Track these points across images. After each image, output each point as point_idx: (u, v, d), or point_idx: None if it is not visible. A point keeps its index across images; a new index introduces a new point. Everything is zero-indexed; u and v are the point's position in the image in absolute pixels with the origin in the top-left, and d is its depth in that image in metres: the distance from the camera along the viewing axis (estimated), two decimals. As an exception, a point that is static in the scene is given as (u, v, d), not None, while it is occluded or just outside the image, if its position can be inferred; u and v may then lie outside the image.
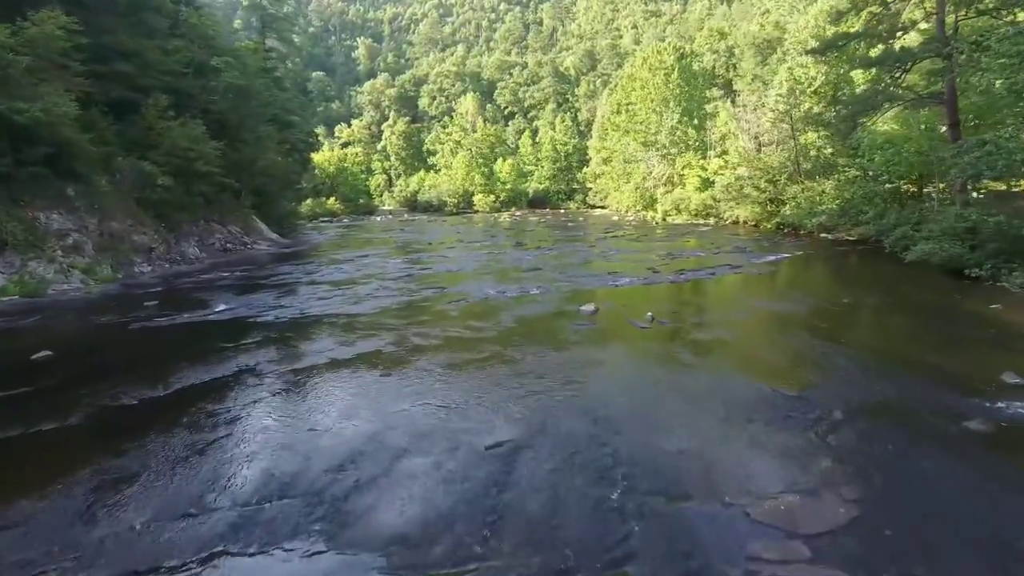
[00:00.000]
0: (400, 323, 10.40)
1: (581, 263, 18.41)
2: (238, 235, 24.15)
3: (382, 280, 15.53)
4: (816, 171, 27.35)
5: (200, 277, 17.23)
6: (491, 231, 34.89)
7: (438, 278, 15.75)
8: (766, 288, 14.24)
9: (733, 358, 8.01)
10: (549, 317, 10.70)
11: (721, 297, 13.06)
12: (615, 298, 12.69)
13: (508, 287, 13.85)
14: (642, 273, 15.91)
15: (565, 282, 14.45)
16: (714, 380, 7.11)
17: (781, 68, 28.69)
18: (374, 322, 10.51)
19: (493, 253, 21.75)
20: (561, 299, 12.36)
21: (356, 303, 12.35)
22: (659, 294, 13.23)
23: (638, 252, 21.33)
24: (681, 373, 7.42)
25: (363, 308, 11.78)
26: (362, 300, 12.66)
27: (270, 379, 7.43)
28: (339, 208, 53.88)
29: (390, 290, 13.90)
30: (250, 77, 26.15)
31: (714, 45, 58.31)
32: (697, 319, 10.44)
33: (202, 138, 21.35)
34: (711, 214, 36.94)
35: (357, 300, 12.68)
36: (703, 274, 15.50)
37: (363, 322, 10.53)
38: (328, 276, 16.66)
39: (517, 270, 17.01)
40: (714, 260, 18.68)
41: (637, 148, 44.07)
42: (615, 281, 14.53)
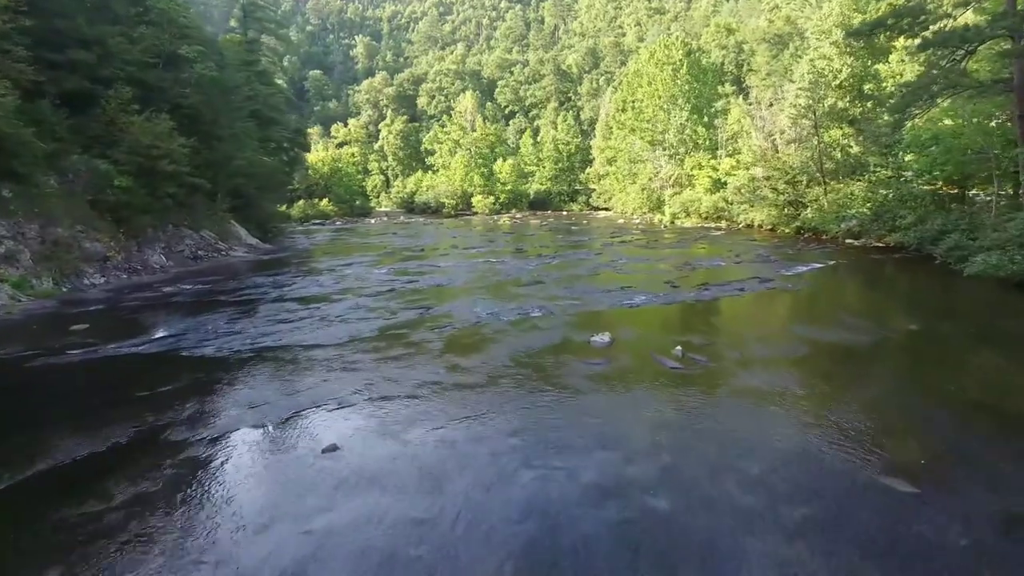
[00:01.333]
0: (367, 360, 8.34)
1: (588, 275, 16.35)
2: (211, 241, 22.11)
3: (360, 296, 13.47)
4: (840, 171, 25.30)
5: (158, 290, 15.20)
6: (489, 235, 32.84)
7: (424, 294, 13.70)
8: (809, 308, 12.17)
9: (805, 423, 5.94)
10: (553, 351, 8.64)
11: (759, 321, 10.98)
12: (632, 322, 10.63)
13: (504, 307, 11.79)
14: (659, 288, 13.85)
15: (571, 300, 12.39)
16: (791, 465, 5.04)
17: (802, 60, 26.63)
18: (335, 359, 8.46)
19: (490, 262, 19.69)
20: (567, 324, 10.30)
21: (322, 329, 10.30)
22: (684, 316, 11.17)
23: (650, 261, 19.28)
24: (741, 450, 5.35)
25: (328, 336, 9.73)
26: (330, 324, 10.61)
27: (167, 458, 5.37)
28: (332, 210, 51.80)
29: (366, 310, 11.85)
30: (227, 69, 24.11)
31: (722, 41, 56.28)
32: (738, 354, 8.37)
33: (168, 134, 19.32)
34: (722, 217, 34.91)
35: (324, 324, 10.63)
36: (730, 290, 13.44)
37: (321, 359, 8.48)
38: (301, 290, 14.61)
39: (515, 284, 14.95)
40: (737, 271, 16.62)
41: (643, 147, 42.01)
42: (629, 299, 12.47)
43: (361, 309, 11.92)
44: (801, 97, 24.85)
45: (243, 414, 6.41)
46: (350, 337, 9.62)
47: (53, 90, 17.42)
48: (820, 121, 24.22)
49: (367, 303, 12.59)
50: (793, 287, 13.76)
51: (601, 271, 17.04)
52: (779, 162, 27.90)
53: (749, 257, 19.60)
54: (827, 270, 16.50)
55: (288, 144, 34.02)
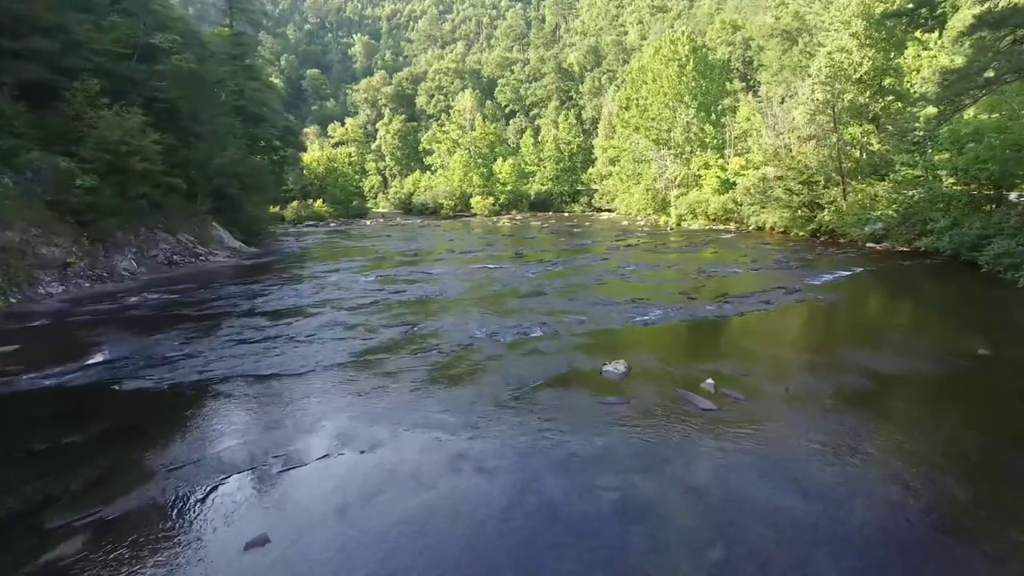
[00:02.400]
0: (329, 400, 6.87)
1: (594, 284, 14.86)
2: (189, 245, 20.63)
3: (339, 310, 11.99)
4: (860, 171, 23.81)
5: (120, 301, 13.72)
6: (488, 238, 31.35)
7: (411, 308, 12.21)
8: (850, 326, 10.67)
9: (890, 497, 4.45)
10: (559, 385, 7.16)
11: (796, 343, 9.48)
12: (650, 345, 9.14)
13: (501, 324, 10.31)
14: (674, 300, 12.37)
15: (577, 315, 10.90)
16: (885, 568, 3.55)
17: (819, 53, 25.15)
18: (291, 398, 6.98)
19: (487, 268, 18.21)
20: (574, 347, 8.82)
21: (286, 353, 8.81)
22: (707, 337, 9.68)
23: (660, 267, 17.79)
24: (811, 540, 3.85)
25: (291, 363, 8.25)
26: (296, 347, 9.13)
27: (23, 554, 3.89)
28: (327, 211, 50.25)
29: (343, 328, 10.37)
30: (209, 62, 22.65)
31: (728, 38, 54.81)
32: (781, 388, 6.89)
33: (140, 129, 17.86)
34: (731, 219, 33.43)
35: (290, 347, 9.14)
36: (754, 303, 11.95)
37: (275, 398, 7.00)
38: (275, 302, 13.12)
39: (514, 295, 13.46)
40: (757, 280, 15.14)
41: (648, 146, 40.53)
42: (642, 314, 10.98)
43: (337, 327, 10.44)
44: (819, 92, 23.35)
45: (155, 482, 4.92)
46: (316, 365, 8.14)
47: (10, 80, 15.96)
48: (839, 117, 22.71)
49: (345, 319, 11.10)
50: (824, 299, 12.27)
51: (608, 279, 15.55)
52: (793, 161, 26.39)
53: (766, 263, 18.13)
54: (857, 278, 15.02)
55: (280, 143, 32.54)
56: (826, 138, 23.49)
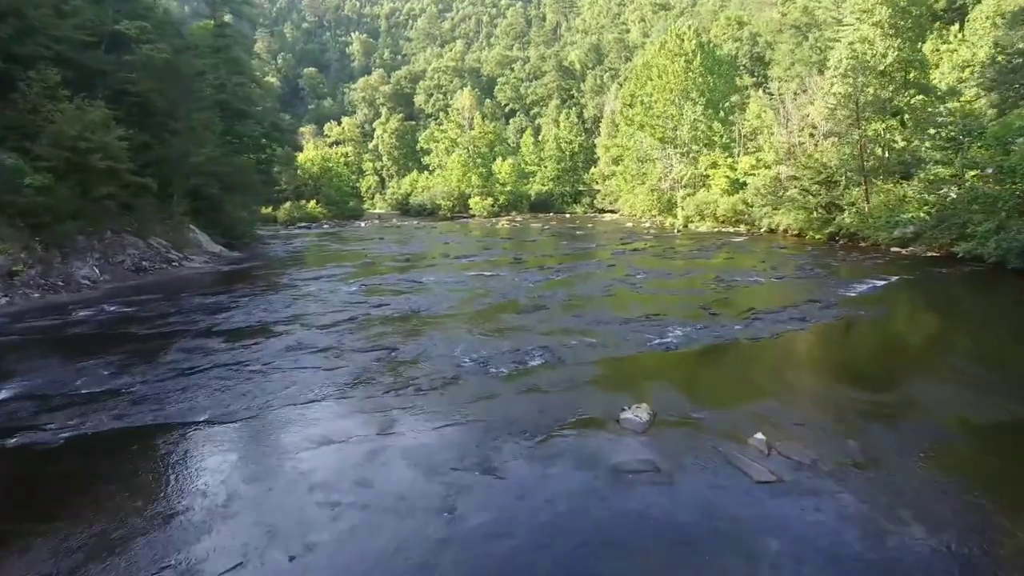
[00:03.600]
0: (270, 460, 5.29)
1: (601, 295, 13.27)
2: (161, 250, 19.07)
3: (309, 329, 10.41)
4: (883, 170, 22.22)
5: (70, 314, 12.18)
6: (486, 241, 29.77)
7: (394, 326, 10.63)
8: (909, 352, 9.08)
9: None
10: (564, 439, 5.60)
11: (851, 375, 7.87)
12: (674, 377, 7.56)
13: (496, 348, 8.73)
14: (694, 315, 10.80)
15: (585, 337, 9.32)
16: None
17: (838, 44, 23.58)
18: (225, 456, 5.40)
19: (483, 276, 16.64)
20: (583, 381, 7.25)
21: (231, 388, 7.24)
22: (743, 367, 8.10)
23: (672, 275, 16.22)
24: None
25: (233, 404, 6.68)
26: (249, 379, 7.55)
27: None
28: (321, 212, 48.63)
29: (310, 352, 8.79)
30: (186, 53, 21.10)
31: (734, 33, 53.24)
32: (851, 443, 5.31)
33: (103, 124, 16.31)
34: (741, 220, 31.86)
35: (238, 380, 7.56)
36: (787, 320, 10.36)
37: (200, 454, 5.43)
38: (240, 318, 11.55)
39: (512, 309, 11.89)
40: (784, 291, 13.58)
41: (653, 145, 38.94)
42: (661, 334, 9.39)
43: (301, 352, 8.86)
44: (839, 85, 21.77)
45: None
46: (265, 405, 6.57)
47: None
48: (862, 112, 21.11)
49: (314, 340, 9.52)
50: (867, 316, 10.69)
51: (616, 290, 13.97)
52: (810, 160, 24.80)
53: (788, 270, 16.57)
54: (895, 289, 13.44)
55: (266, 140, 30.96)
56: (847, 135, 21.90)
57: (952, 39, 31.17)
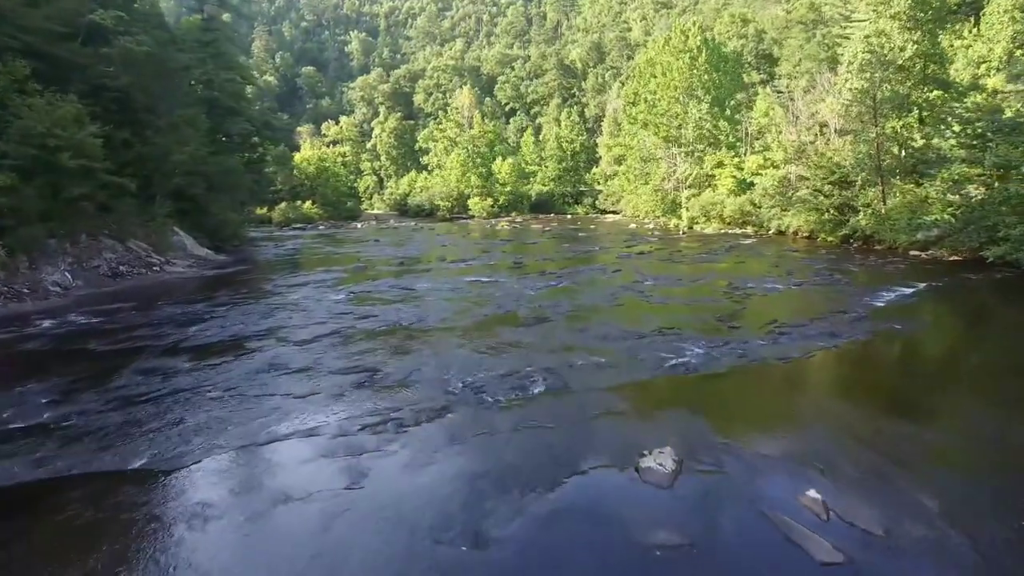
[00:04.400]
0: (217, 515, 4.25)
1: (609, 306, 12.24)
2: (141, 253, 18.05)
3: (286, 344, 9.39)
4: (902, 169, 21.19)
5: (31, 325, 11.18)
6: (485, 244, 28.73)
7: (379, 341, 9.60)
8: (960, 374, 8.02)
9: None
10: (571, 496, 4.57)
11: (901, 406, 6.82)
12: (699, 412, 6.52)
13: (491, 371, 7.71)
14: (713, 330, 9.79)
15: (593, 356, 8.30)
16: None
17: (853, 38, 22.55)
18: (155, 509, 4.37)
19: (481, 283, 15.61)
20: (593, 415, 6.23)
21: (183, 422, 6.21)
22: (776, 395, 7.08)
23: (683, 282, 15.19)
24: None
25: (183, 443, 5.65)
26: (201, 411, 6.52)
27: None
28: (317, 213, 47.54)
29: (280, 375, 7.78)
30: (169, 46, 20.08)
31: (739, 31, 52.16)
32: (931, 502, 4.27)
33: (74, 120, 15.29)
34: (749, 222, 30.84)
35: (192, 409, 6.54)
36: (815, 334, 9.35)
37: (122, 518, 4.39)
38: (213, 331, 10.53)
39: (511, 322, 10.86)
40: (806, 301, 12.58)
41: (657, 144, 37.91)
42: (678, 353, 8.37)
43: (274, 372, 7.84)
44: (855, 80, 20.73)
45: None
46: (216, 447, 5.54)
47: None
48: (879, 109, 20.07)
49: (288, 359, 8.50)
50: (904, 329, 9.66)
51: (624, 298, 12.93)
52: (822, 159, 23.77)
53: (805, 276, 15.54)
54: (927, 298, 12.41)
55: (258, 139, 29.90)
56: (863, 132, 20.85)
57: (967, 34, 30.16)
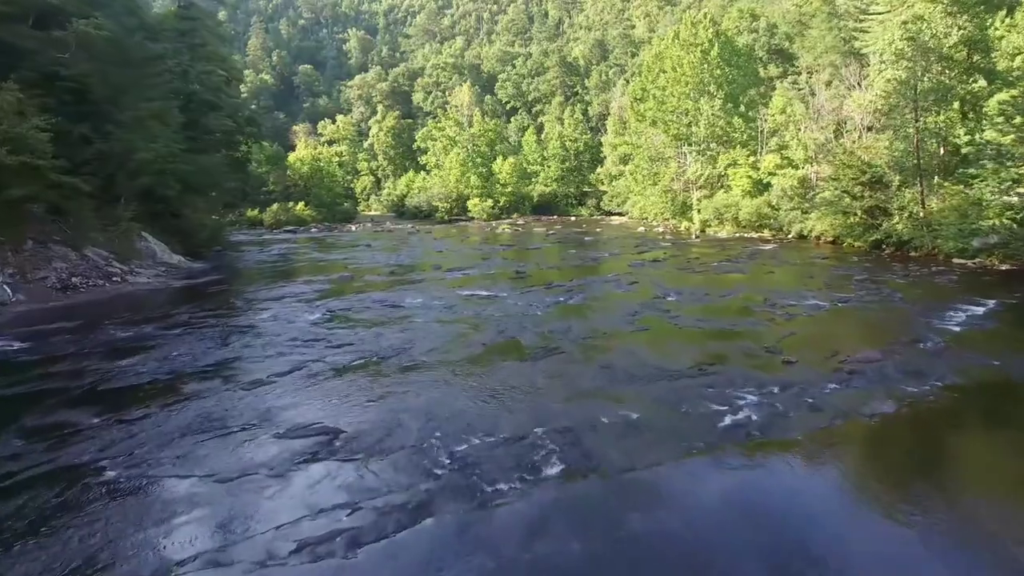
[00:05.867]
0: None
1: (630, 329, 10.30)
2: (100, 262, 16.14)
3: (234, 388, 7.47)
4: (942, 168, 19.28)
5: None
6: (484, 249, 26.82)
7: (351, 382, 7.68)
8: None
9: None
10: None
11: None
12: (785, 517, 4.58)
13: (488, 434, 5.79)
14: (764, 365, 7.90)
15: (619, 409, 6.40)
16: None
17: (890, 23, 20.61)
18: None
19: (479, 298, 13.67)
20: (633, 528, 4.28)
21: (61, 520, 4.27)
22: (883, 479, 5.13)
23: (710, 297, 13.25)
24: None
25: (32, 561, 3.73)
26: (83, 510, 4.60)
27: None
28: (310, 215, 45.58)
29: (215, 435, 5.87)
30: (137, 33, 18.18)
31: (748, 25, 50.22)
32: None
33: (14, 112, 13.40)
34: (766, 225, 28.90)
35: (78, 505, 4.61)
36: (895, 374, 7.49)
37: None
38: (152, 365, 8.60)
39: (515, 354, 8.93)
40: (863, 323, 10.68)
41: (667, 142, 35.98)
42: (730, 405, 6.47)
43: (204, 434, 5.91)
44: (892, 70, 18.80)
45: None
46: None
47: None
48: (920, 102, 18.13)
49: (232, 410, 6.58)
50: (1005, 367, 7.73)
51: (647, 320, 10.99)
52: (851, 158, 21.81)
53: (847, 289, 13.62)
54: (1009, 318, 10.50)
55: (242, 137, 27.95)
56: (902, 128, 18.91)
57: (999, 24, 28.22)
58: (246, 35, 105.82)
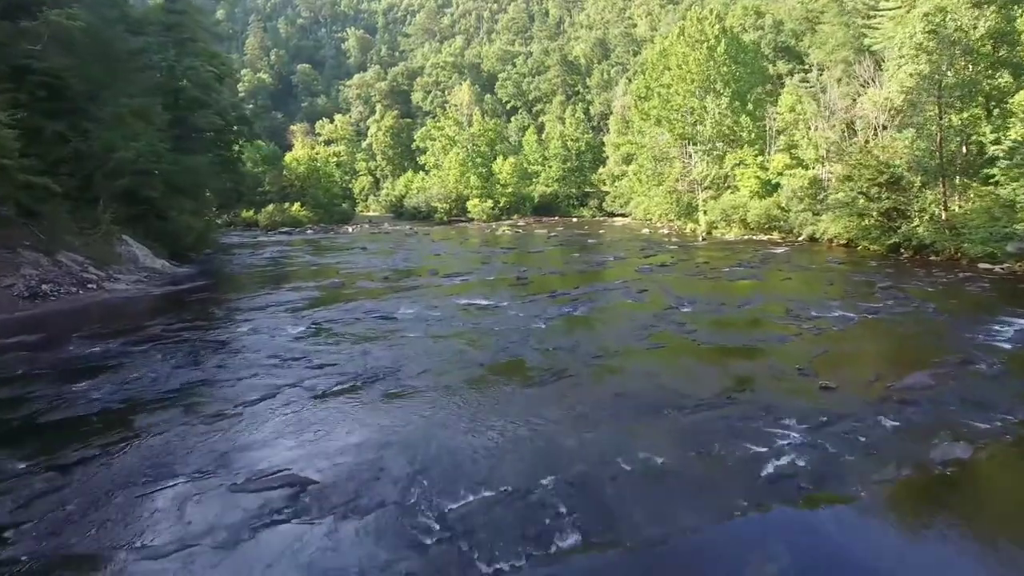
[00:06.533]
0: None
1: (645, 346, 9.32)
2: (75, 268, 15.17)
3: (192, 422, 6.50)
4: (965, 168, 18.30)
5: None
6: (484, 252, 25.84)
7: (328, 410, 6.70)
8: None
9: None
10: None
11: None
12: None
13: (487, 486, 4.82)
14: (800, 391, 6.95)
15: (639, 447, 5.41)
16: None
17: (912, 13, 19.63)
18: None
19: (478, 309, 12.69)
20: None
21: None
22: (961, 551, 4.14)
23: (727, 306, 12.26)
24: None
25: None
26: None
27: None
28: (306, 216, 44.60)
29: (163, 485, 4.89)
30: (117, 25, 17.21)
31: (754, 23, 49.22)
32: None
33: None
34: (775, 227, 27.92)
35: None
36: (954, 403, 6.60)
37: None
38: (108, 390, 7.63)
39: (517, 376, 7.95)
40: (900, 340, 9.72)
41: (671, 142, 35.00)
42: (769, 442, 5.50)
43: (150, 482, 4.94)
44: (912, 64, 17.82)
45: None
46: None
47: None
48: (945, 97, 17.14)
49: (184, 451, 5.62)
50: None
51: (662, 335, 10.01)
52: (867, 158, 20.82)
53: (873, 299, 12.65)
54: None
55: (234, 136, 26.96)
56: (925, 126, 17.93)
57: (1019, 15, 27.27)
58: (244, 34, 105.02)
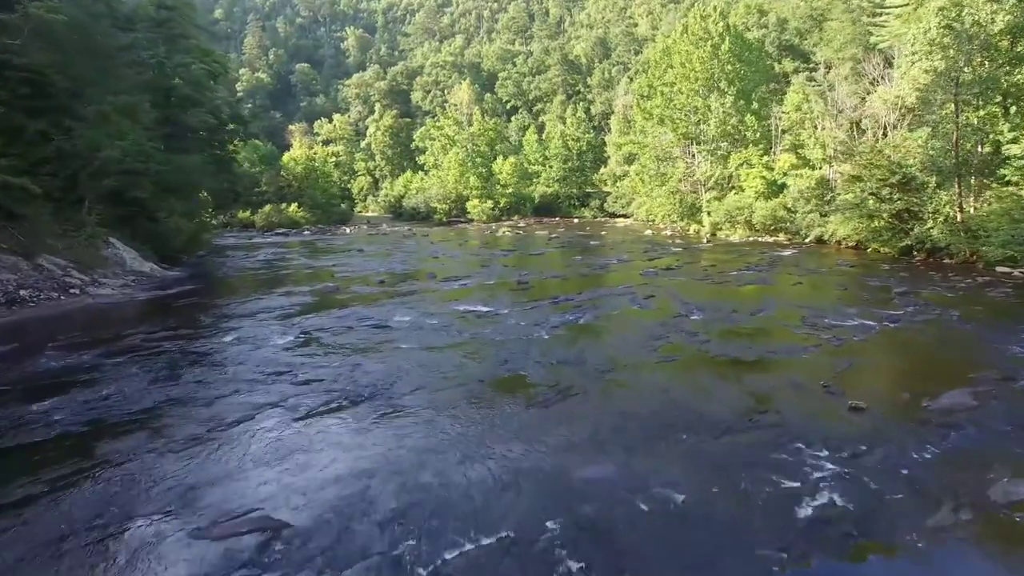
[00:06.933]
0: None
1: (655, 359, 8.70)
2: (57, 273, 14.55)
3: (161, 449, 5.88)
4: (982, 168, 17.69)
5: None
6: (483, 255, 25.21)
7: (311, 434, 6.08)
8: None
9: None
10: None
11: None
12: None
13: (485, 532, 4.19)
14: (829, 413, 6.36)
15: (655, 482, 4.79)
16: None
17: (925, 8, 19.02)
18: None
19: (477, 316, 12.07)
20: None
21: None
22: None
23: (739, 315, 11.63)
24: None
25: None
26: None
27: None
28: (303, 217, 43.99)
29: (121, 524, 4.26)
30: (103, 20, 16.60)
31: (757, 21, 48.63)
32: None
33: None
34: (781, 229, 27.33)
35: None
36: (1000, 423, 6.08)
37: None
38: (70, 410, 7.01)
39: (517, 394, 7.33)
40: (927, 353, 9.10)
41: (675, 141, 34.38)
42: (801, 475, 4.89)
43: (102, 526, 4.31)
44: (927, 60, 17.21)
45: None
46: None
47: None
48: (963, 94, 16.52)
49: (153, 481, 5.01)
50: None
51: (673, 346, 9.40)
52: (879, 157, 20.21)
53: (890, 304, 12.08)
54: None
55: (228, 135, 26.33)
56: (941, 124, 17.31)
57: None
58: (242, 33, 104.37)
